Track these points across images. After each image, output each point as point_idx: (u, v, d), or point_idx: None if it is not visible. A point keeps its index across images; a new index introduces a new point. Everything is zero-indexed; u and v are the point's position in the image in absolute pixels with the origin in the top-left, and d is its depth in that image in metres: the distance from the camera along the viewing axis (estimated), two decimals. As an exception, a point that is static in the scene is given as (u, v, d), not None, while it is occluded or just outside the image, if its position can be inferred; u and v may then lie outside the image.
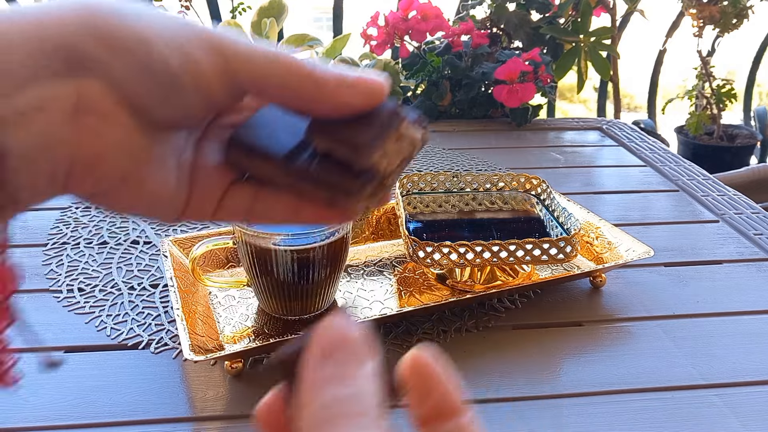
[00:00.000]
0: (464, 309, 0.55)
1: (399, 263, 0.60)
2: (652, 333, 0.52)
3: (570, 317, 0.54)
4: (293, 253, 0.48)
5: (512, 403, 0.44)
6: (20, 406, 0.43)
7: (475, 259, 0.52)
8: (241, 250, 0.50)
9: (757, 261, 0.64)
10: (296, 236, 0.48)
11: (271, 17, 1.24)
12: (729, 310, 0.56)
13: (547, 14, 1.28)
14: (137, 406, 0.43)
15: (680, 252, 0.66)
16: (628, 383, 0.47)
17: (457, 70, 1.11)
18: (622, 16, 1.63)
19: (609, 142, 1.03)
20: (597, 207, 0.77)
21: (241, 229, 0.48)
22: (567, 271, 0.59)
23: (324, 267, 0.49)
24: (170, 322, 0.52)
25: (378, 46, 1.16)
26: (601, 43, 1.31)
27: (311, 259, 0.48)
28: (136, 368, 0.47)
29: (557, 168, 0.90)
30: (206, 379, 0.46)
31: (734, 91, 1.77)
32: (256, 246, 0.48)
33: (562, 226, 0.58)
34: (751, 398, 0.45)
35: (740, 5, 1.59)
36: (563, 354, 0.50)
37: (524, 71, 1.04)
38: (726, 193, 0.80)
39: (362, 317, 0.51)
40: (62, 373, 0.46)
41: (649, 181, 0.85)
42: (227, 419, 0.43)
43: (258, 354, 0.48)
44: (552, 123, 1.12)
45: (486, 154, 0.95)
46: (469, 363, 0.48)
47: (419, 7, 1.15)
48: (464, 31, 1.16)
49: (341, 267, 0.52)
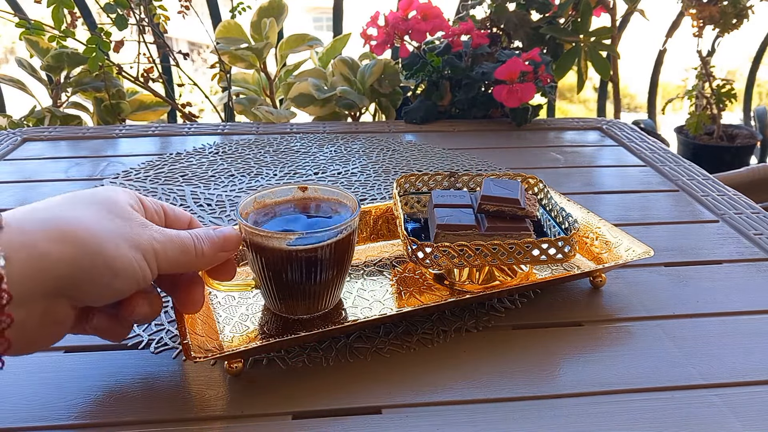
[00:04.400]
0: (464, 309, 0.55)
1: (399, 263, 0.60)
2: (652, 333, 0.52)
3: (570, 317, 0.54)
4: (305, 252, 0.47)
5: (512, 403, 0.44)
6: (20, 406, 0.43)
7: (473, 259, 0.52)
8: (250, 253, 0.49)
9: (757, 261, 0.64)
10: (308, 235, 0.47)
11: (270, 17, 1.24)
12: (729, 310, 0.56)
13: (547, 14, 1.28)
14: (137, 406, 0.43)
15: (680, 252, 0.66)
16: (628, 383, 0.47)
17: (457, 70, 1.11)
18: (622, 16, 1.63)
19: (609, 142, 1.03)
20: (597, 207, 0.77)
21: (253, 231, 0.47)
22: (567, 271, 0.59)
23: (333, 265, 0.49)
24: (170, 322, 0.53)
25: (378, 46, 1.16)
26: (601, 43, 1.31)
27: (322, 257, 0.48)
28: (136, 368, 0.47)
29: (557, 168, 0.90)
30: (206, 379, 0.46)
31: (734, 91, 1.77)
32: (268, 247, 0.47)
33: (560, 226, 0.58)
34: (751, 398, 0.45)
35: (740, 5, 1.59)
36: (563, 354, 0.50)
37: (524, 71, 1.04)
38: (726, 193, 0.80)
39: (362, 317, 0.51)
40: (62, 373, 0.46)
41: (649, 181, 0.85)
42: (227, 419, 0.43)
43: (258, 354, 0.48)
44: (552, 123, 1.12)
45: (486, 154, 0.95)
46: (469, 363, 0.48)
47: (419, 7, 1.15)
48: (464, 31, 1.16)
49: (348, 265, 0.52)
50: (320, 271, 0.48)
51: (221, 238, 0.44)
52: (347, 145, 0.97)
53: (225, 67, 1.25)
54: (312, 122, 1.14)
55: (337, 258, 0.49)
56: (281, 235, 0.47)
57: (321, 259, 0.48)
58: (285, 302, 0.50)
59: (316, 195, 0.54)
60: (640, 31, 1.73)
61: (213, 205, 0.75)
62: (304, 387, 0.45)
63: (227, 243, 0.45)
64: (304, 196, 0.54)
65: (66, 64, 1.18)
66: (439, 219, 0.54)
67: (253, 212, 0.52)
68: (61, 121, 1.19)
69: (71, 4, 1.15)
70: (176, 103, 1.34)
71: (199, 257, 0.43)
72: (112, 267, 0.37)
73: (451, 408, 0.44)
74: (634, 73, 2.78)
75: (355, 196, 0.52)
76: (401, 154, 0.94)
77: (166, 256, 0.41)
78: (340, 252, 0.49)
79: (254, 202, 0.52)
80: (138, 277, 0.39)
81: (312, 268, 0.48)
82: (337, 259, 0.49)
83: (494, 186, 0.57)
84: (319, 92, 1.15)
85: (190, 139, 1.01)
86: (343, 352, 0.49)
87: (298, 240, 0.47)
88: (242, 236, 0.48)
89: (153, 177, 0.84)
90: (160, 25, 1.27)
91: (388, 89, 1.16)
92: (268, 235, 0.47)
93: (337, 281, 0.51)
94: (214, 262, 0.45)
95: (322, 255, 0.48)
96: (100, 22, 1.44)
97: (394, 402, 0.44)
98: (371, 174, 0.86)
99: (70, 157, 0.93)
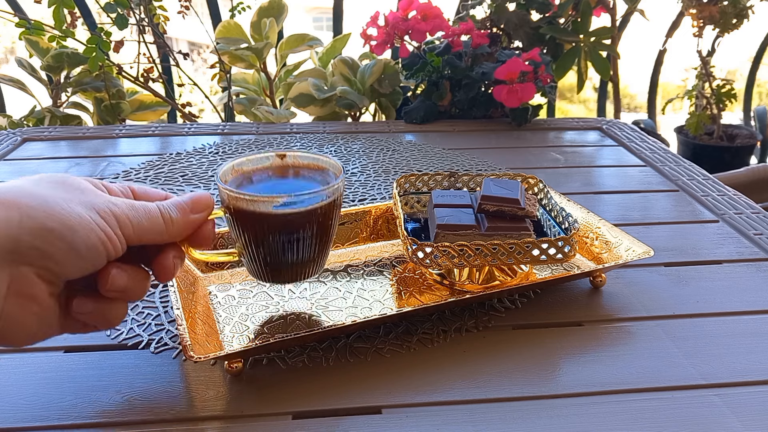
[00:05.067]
0: (464, 309, 0.55)
1: (399, 263, 0.60)
2: (652, 333, 0.52)
3: (570, 317, 0.54)
4: (293, 216, 0.45)
5: (512, 403, 0.44)
6: (20, 406, 0.43)
7: (473, 259, 0.52)
8: (233, 220, 0.46)
9: (757, 261, 0.64)
10: (296, 198, 0.45)
11: (270, 17, 1.24)
12: (729, 310, 0.56)
13: (547, 14, 1.28)
14: (137, 406, 0.43)
15: (680, 252, 0.66)
16: (628, 383, 0.47)
17: (457, 70, 1.11)
18: (622, 16, 1.63)
19: (609, 142, 1.03)
20: (597, 207, 0.77)
21: (238, 195, 0.45)
22: (567, 271, 0.59)
23: (321, 230, 0.47)
24: (170, 322, 0.53)
25: (378, 46, 1.16)
26: (601, 43, 1.31)
27: (310, 221, 0.46)
28: (136, 368, 0.47)
29: (557, 168, 0.90)
30: (206, 379, 0.46)
31: (734, 91, 1.77)
32: (253, 212, 0.45)
33: (560, 226, 0.58)
34: (751, 398, 0.45)
35: (740, 5, 1.59)
36: (563, 354, 0.50)
37: (524, 71, 1.04)
38: (726, 193, 0.80)
39: (362, 317, 0.51)
40: (62, 373, 0.46)
41: (649, 181, 0.85)
42: (227, 419, 0.43)
43: (258, 354, 0.48)
44: (552, 123, 1.12)
45: (486, 154, 0.95)
46: (469, 363, 0.48)
47: (419, 7, 1.15)
48: (464, 31, 1.16)
49: (335, 230, 0.50)
50: (307, 236, 0.47)
51: (190, 202, 0.43)
52: (347, 145, 0.97)
53: (225, 67, 1.25)
54: (312, 122, 1.14)
55: (324, 223, 0.47)
56: (267, 199, 0.45)
57: (309, 224, 0.46)
58: (270, 270, 0.48)
59: (295, 162, 0.52)
60: (640, 31, 1.73)
61: (213, 205, 0.75)
62: (304, 387, 0.45)
63: (197, 204, 0.43)
64: (282, 164, 0.52)
65: (66, 64, 1.18)
66: (439, 219, 0.54)
67: (233, 180, 0.50)
68: (61, 121, 1.19)
69: (71, 4, 1.15)
70: (176, 103, 1.34)
71: (169, 224, 0.41)
72: (67, 223, 0.36)
73: (451, 408, 0.44)
74: (634, 73, 2.78)
75: (337, 161, 0.50)
76: (401, 154, 0.94)
77: (131, 224, 0.39)
78: (328, 216, 0.47)
79: (233, 170, 0.50)
80: (100, 237, 0.37)
81: (299, 233, 0.46)
82: (324, 223, 0.47)
83: (494, 186, 0.57)
84: (319, 92, 1.15)
85: (190, 139, 1.01)
86: (343, 352, 0.49)
87: (285, 204, 0.45)
88: (225, 203, 0.46)
89: (153, 177, 0.84)
90: (160, 25, 1.27)
91: (388, 89, 1.16)
92: (254, 199, 0.45)
93: (324, 247, 0.49)
94: (188, 228, 0.43)
95: (311, 219, 0.46)
96: (100, 22, 1.44)
97: (394, 402, 0.44)
98: (371, 174, 0.86)
99: (70, 157, 0.93)
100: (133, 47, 1.30)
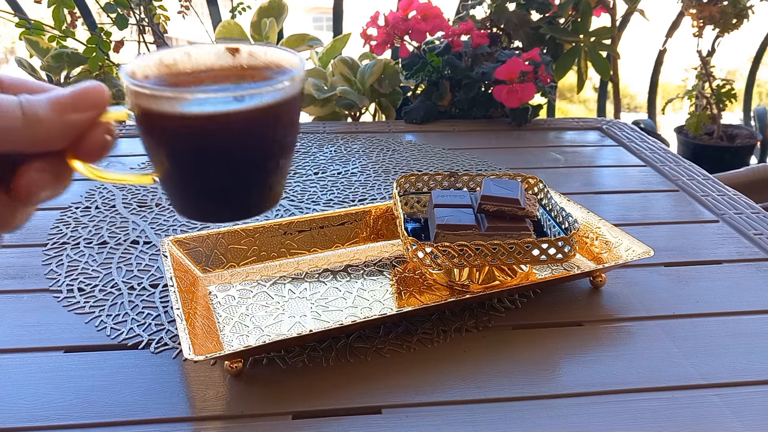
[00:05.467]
0: (464, 309, 0.55)
1: (399, 263, 0.60)
2: (652, 333, 0.52)
3: (570, 317, 0.54)
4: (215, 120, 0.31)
5: (512, 403, 0.44)
6: (20, 406, 0.43)
7: (473, 259, 0.52)
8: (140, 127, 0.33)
9: (757, 261, 0.64)
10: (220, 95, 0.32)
11: (270, 17, 1.24)
12: (729, 310, 0.56)
13: (547, 14, 1.28)
14: (137, 406, 0.43)
15: (680, 252, 0.66)
16: (628, 383, 0.47)
17: (457, 70, 1.11)
18: (622, 16, 1.63)
19: (609, 142, 1.03)
20: (597, 207, 0.77)
21: (138, 88, 0.31)
22: (567, 271, 0.59)
23: (268, 142, 0.33)
24: (170, 322, 0.52)
25: (378, 46, 1.16)
26: (601, 43, 1.31)
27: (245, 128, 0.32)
28: (136, 368, 0.47)
29: (557, 168, 0.90)
30: (206, 379, 0.46)
31: (734, 91, 1.77)
32: (158, 113, 0.31)
33: (560, 226, 0.58)
34: (751, 398, 0.45)
35: (740, 5, 1.59)
36: (563, 354, 0.50)
37: (524, 71, 1.04)
38: (726, 193, 0.80)
39: (362, 317, 0.51)
40: (62, 373, 0.46)
41: (649, 181, 0.85)
42: (227, 419, 0.43)
43: (258, 354, 0.48)
44: (552, 123, 1.12)
45: (486, 154, 0.95)
46: (469, 363, 0.48)
47: (419, 7, 1.15)
48: (464, 31, 1.16)
49: (293, 144, 0.35)
50: (246, 148, 0.33)
51: (70, 96, 0.30)
52: (347, 145, 0.97)
53: (225, 67, 1.25)
54: (312, 122, 1.14)
55: (264, 133, 0.33)
56: (174, 95, 0.31)
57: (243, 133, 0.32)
58: (196, 201, 0.35)
59: (252, 62, 0.36)
60: (640, 31, 1.73)
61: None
62: (304, 387, 0.45)
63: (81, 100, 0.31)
64: (233, 63, 0.36)
65: (66, 64, 1.18)
66: (439, 219, 0.54)
67: (155, 79, 0.35)
68: (61, 121, 1.19)
69: (71, 4, 1.15)
70: (176, 103, 1.33)
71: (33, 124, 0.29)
72: None
73: (451, 408, 0.44)
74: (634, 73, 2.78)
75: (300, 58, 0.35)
76: (401, 154, 0.94)
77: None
78: (278, 123, 0.33)
79: (159, 65, 0.35)
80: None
81: (232, 145, 0.32)
82: (262, 133, 0.33)
83: (494, 186, 0.57)
84: (319, 92, 1.15)
85: (190, 139, 1.00)
86: (343, 352, 0.49)
87: (197, 103, 0.31)
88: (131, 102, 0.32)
89: (153, 177, 0.84)
90: (160, 25, 1.27)
91: (388, 89, 1.16)
92: (158, 94, 0.31)
93: (274, 167, 0.34)
94: (66, 132, 0.31)
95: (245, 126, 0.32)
96: (100, 22, 1.44)
97: (394, 402, 0.44)
98: (371, 174, 0.86)
99: (70, 157, 0.92)
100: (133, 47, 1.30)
